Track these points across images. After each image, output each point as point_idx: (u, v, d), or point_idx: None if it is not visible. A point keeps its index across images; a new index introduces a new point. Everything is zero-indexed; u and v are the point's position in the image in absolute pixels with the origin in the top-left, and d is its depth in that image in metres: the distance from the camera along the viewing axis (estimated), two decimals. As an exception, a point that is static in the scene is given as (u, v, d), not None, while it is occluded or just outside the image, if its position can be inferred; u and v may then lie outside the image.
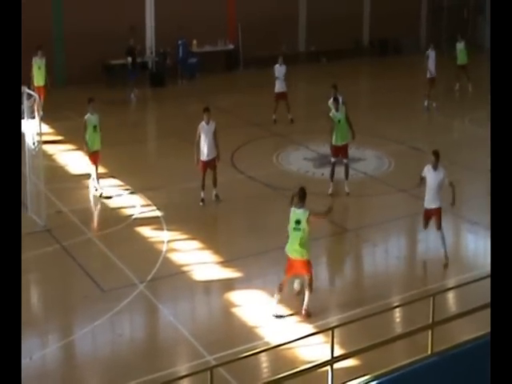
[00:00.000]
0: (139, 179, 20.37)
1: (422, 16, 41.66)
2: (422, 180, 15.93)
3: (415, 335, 12.11)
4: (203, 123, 18.48)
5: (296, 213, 13.78)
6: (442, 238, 15.93)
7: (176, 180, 20.43)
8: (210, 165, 18.73)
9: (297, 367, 11.38)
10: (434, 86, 28.92)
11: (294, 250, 13.75)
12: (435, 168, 15.64)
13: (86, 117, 19.39)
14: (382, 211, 18.89)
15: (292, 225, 13.78)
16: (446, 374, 12.10)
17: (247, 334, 13.28)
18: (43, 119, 23.56)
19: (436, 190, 15.68)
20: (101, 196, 19.22)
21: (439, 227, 15.91)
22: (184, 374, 11.55)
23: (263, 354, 12.15)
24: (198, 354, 12.63)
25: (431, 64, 28.79)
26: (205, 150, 18.52)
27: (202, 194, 18.73)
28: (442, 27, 40.75)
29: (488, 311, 12.67)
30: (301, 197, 13.89)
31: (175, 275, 15.41)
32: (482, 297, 13.25)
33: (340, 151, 19.63)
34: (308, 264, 13.88)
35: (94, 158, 19.49)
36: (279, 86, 26.21)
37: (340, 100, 19.92)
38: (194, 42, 34.17)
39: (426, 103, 28.67)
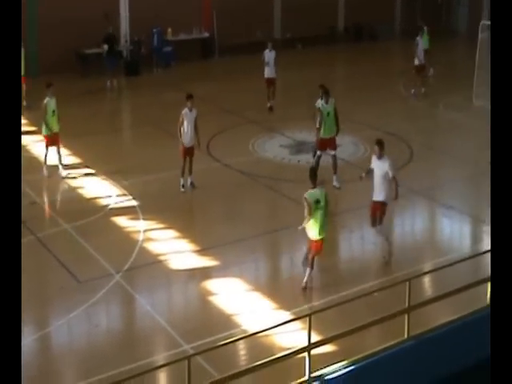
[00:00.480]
0: (115, 169, 20.25)
1: (396, 2, 41.63)
2: (369, 172, 15.59)
3: (392, 320, 12.16)
4: (186, 110, 18.50)
5: (313, 193, 14.25)
6: (381, 232, 15.54)
7: (152, 169, 20.34)
8: (190, 152, 18.74)
9: (274, 354, 11.41)
10: (422, 74, 28.67)
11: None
12: (380, 157, 15.28)
13: (45, 101, 19.42)
14: (358, 197, 18.84)
15: (313, 205, 14.16)
16: (423, 357, 12.20)
17: (224, 322, 13.26)
18: (29, 108, 23.75)
19: (380, 180, 15.25)
20: (65, 178, 19.53)
21: (380, 222, 15.45)
22: (161, 363, 11.54)
23: (241, 341, 12.15)
24: (175, 343, 12.62)
25: (420, 51, 28.52)
26: (187, 137, 18.60)
27: (182, 181, 18.72)
28: (417, 13, 40.74)
29: (463, 295, 12.86)
30: (311, 177, 14.48)
31: (152, 265, 15.36)
32: (458, 280, 13.40)
33: (327, 144, 19.25)
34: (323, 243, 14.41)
35: (55, 140, 19.85)
36: (269, 72, 26.09)
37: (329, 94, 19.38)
38: (169, 30, 33.98)
39: (412, 91, 28.46)
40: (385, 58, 35.14)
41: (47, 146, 19.81)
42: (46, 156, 19.86)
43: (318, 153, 19.29)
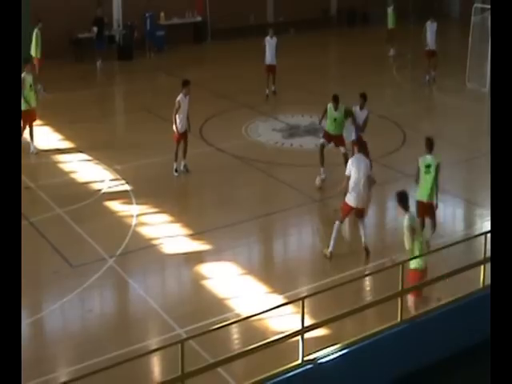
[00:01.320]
0: (108, 154, 20.19)
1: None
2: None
3: (385, 303, 12.16)
4: (182, 96, 18.45)
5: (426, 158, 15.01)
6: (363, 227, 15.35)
7: (145, 154, 20.27)
8: (184, 136, 18.75)
9: (268, 338, 11.39)
10: (433, 59, 28.12)
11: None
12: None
13: (22, 75, 19.21)
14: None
15: (423, 169, 14.87)
16: (416, 340, 12.21)
17: (218, 306, 13.27)
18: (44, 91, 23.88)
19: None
20: (37, 154, 19.88)
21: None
22: (155, 347, 11.53)
23: (234, 325, 12.16)
24: (168, 328, 12.61)
25: (430, 37, 27.93)
26: (182, 123, 18.55)
27: (175, 165, 18.70)
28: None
29: (456, 277, 12.87)
30: (428, 146, 15.25)
31: (145, 249, 15.34)
32: (451, 263, 13.41)
33: (332, 139, 18.64)
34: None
35: (32, 115, 20.24)
36: (270, 59, 25.82)
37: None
38: (162, 14, 33.84)
39: (426, 77, 27.98)
40: (377, 43, 34.99)
41: (25, 122, 19.76)
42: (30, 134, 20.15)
43: (321, 140, 18.85)
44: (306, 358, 11.12)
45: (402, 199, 12.86)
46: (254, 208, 17.34)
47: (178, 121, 18.53)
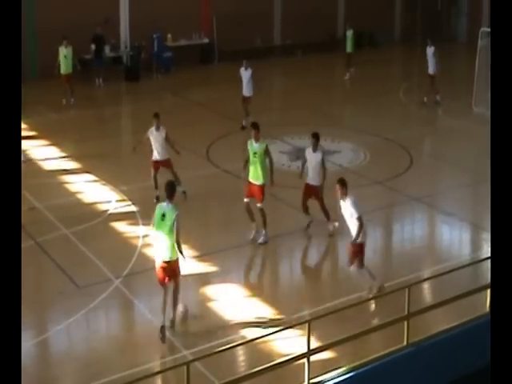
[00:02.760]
0: (114, 174, 20.24)
1: (396, 9, 41.72)
2: (304, 165, 16.82)
3: (391, 326, 12.15)
4: (152, 129, 18.35)
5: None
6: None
7: (151, 175, 20.27)
8: (164, 164, 18.58)
9: (273, 360, 11.39)
10: (432, 83, 28.17)
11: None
12: (314, 150, 16.50)
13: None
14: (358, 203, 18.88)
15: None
16: (422, 364, 12.19)
17: (223, 328, 13.24)
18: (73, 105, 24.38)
19: (316, 169, 16.50)
20: None
21: (321, 202, 16.60)
22: (160, 369, 11.52)
23: (240, 347, 12.13)
24: (174, 349, 12.59)
25: (429, 61, 28.04)
26: (155, 153, 18.44)
27: (157, 192, 18.28)
28: (417, 20, 40.87)
29: (463, 302, 12.85)
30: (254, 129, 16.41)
31: (151, 270, 15.15)
32: (457, 287, 13.39)
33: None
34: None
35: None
36: (245, 90, 25.13)
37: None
38: (169, 36, 34.03)
39: (425, 99, 28.17)
40: (384, 65, 35.17)
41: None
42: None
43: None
44: (311, 381, 11.12)
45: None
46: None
47: (153, 152, 18.37)
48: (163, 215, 13.05)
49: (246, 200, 16.87)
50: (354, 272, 14.25)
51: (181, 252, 12.86)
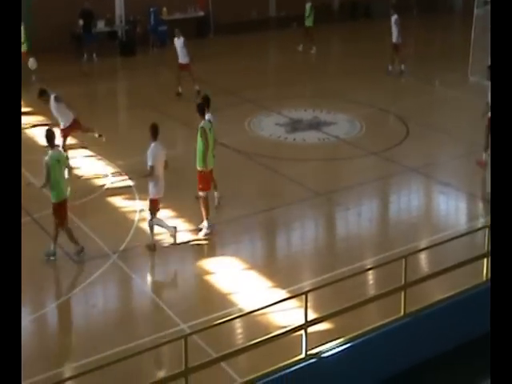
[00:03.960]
0: (111, 149, 20.16)
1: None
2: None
3: (388, 297, 12.18)
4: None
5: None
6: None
7: (147, 149, 20.22)
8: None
9: (271, 332, 11.43)
10: (397, 52, 28.31)
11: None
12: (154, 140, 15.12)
13: None
14: (354, 175, 18.92)
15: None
16: (420, 334, 12.24)
17: (221, 300, 13.29)
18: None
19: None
20: None
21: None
22: (158, 342, 11.54)
23: (237, 320, 12.17)
24: (172, 323, 12.62)
25: (393, 30, 28.20)
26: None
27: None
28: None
29: (460, 271, 12.89)
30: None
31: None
32: (454, 257, 13.43)
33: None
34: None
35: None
36: (180, 58, 25.28)
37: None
38: (164, 9, 33.83)
39: (390, 67, 28.35)
40: (380, 37, 34.90)
41: None
42: None
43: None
44: (309, 353, 11.17)
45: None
46: (257, 202, 17.33)
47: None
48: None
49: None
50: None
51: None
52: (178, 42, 25.46)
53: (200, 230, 15.67)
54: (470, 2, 28.84)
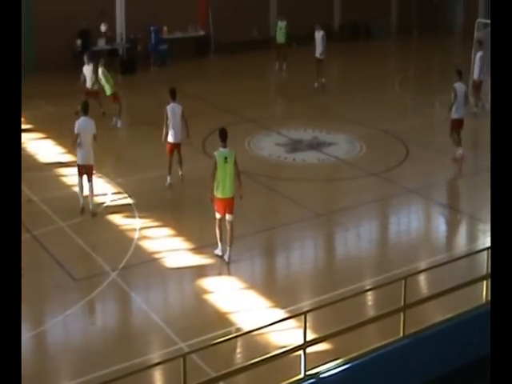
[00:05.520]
0: (110, 167, 20.25)
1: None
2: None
3: (387, 318, 12.17)
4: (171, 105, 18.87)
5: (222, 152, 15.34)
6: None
7: (147, 167, 20.30)
8: (178, 147, 19.17)
9: (270, 352, 11.41)
10: (319, 66, 29.28)
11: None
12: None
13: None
14: (354, 195, 18.92)
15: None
16: (419, 355, 12.21)
17: (220, 320, 13.26)
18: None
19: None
20: None
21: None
22: (157, 361, 11.52)
23: (236, 339, 12.16)
24: (170, 341, 12.59)
25: (318, 45, 29.40)
26: (174, 131, 18.95)
27: (169, 178, 19.01)
28: (412, 10, 40.81)
29: (459, 293, 12.87)
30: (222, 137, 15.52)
31: (147, 263, 15.34)
32: (454, 278, 13.42)
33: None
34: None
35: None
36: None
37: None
38: (165, 28, 33.96)
39: (315, 84, 29.02)
40: (380, 57, 35.15)
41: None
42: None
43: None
44: (308, 373, 11.16)
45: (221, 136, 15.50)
46: (256, 222, 17.35)
47: (169, 131, 18.61)
48: (225, 158, 15.17)
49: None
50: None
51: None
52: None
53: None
54: (470, 22, 28.92)
